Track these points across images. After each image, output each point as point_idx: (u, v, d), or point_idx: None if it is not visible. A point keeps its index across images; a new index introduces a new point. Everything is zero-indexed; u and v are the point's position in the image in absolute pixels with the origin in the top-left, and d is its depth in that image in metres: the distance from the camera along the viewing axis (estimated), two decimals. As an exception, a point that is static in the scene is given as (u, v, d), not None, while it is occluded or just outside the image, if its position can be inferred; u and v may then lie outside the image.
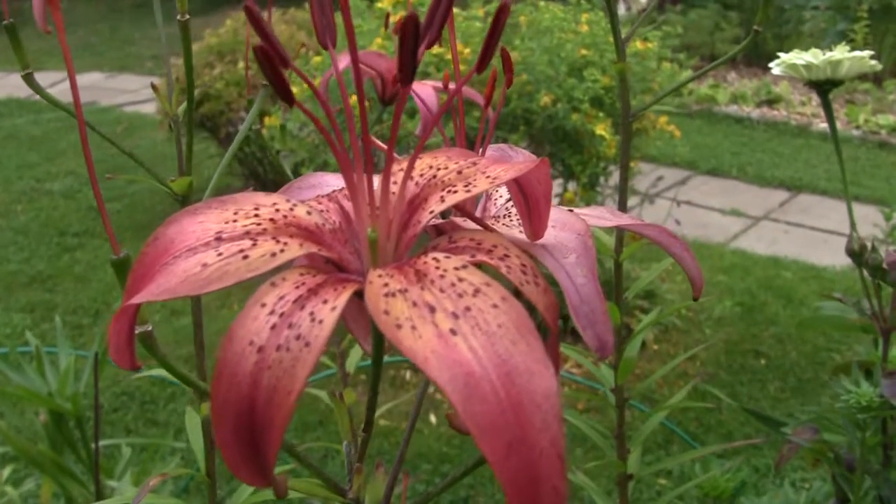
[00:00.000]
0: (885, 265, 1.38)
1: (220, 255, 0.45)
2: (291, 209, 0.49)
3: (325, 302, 0.42)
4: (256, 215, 0.48)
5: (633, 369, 1.41)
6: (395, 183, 0.51)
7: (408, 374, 4.22)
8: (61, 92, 8.27)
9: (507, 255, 0.47)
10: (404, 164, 0.51)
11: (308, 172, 0.65)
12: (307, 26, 5.73)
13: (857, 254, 1.39)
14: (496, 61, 0.57)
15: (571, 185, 4.20)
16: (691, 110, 7.88)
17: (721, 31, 8.85)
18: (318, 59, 4.20)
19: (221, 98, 5.31)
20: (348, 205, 0.51)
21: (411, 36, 0.47)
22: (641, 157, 4.79)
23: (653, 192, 4.84)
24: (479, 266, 0.46)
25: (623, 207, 1.41)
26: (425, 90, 1.31)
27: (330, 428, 3.88)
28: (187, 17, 0.92)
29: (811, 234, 5.75)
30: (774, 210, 6.17)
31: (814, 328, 4.20)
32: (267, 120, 4.48)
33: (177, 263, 0.45)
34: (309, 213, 0.49)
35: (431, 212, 0.49)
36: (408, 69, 0.48)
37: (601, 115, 3.85)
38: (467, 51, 3.80)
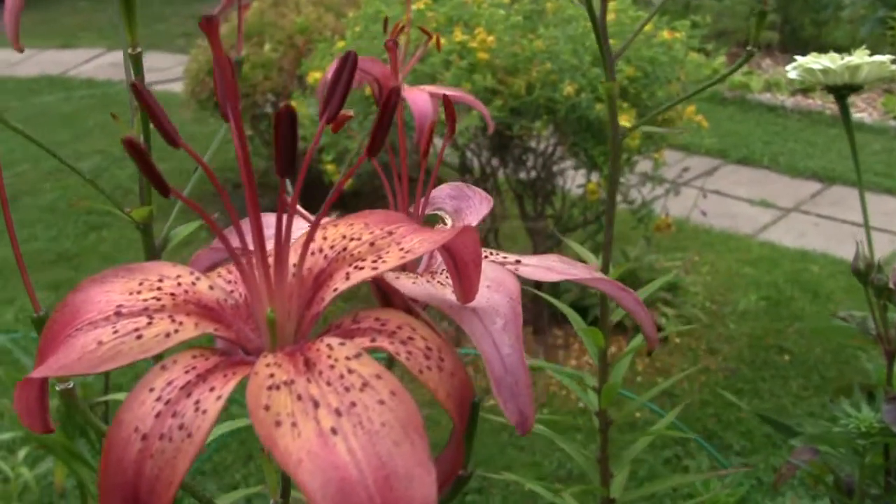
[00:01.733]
0: (891, 285, 1.36)
1: (115, 332, 0.44)
2: (194, 283, 0.48)
3: (211, 390, 0.42)
4: (159, 288, 0.47)
5: (616, 395, 1.39)
6: (313, 254, 0.50)
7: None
8: (97, 67, 8.34)
9: (410, 338, 0.46)
10: (308, 231, 0.50)
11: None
12: (335, 8, 5.73)
13: (863, 273, 1.37)
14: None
15: (594, 176, 4.17)
16: (723, 97, 7.82)
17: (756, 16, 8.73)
18: (341, 43, 4.19)
19: (247, 80, 5.31)
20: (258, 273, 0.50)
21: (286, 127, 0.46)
22: (668, 146, 4.76)
23: (679, 181, 4.80)
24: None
25: (608, 241, 1.40)
26: (421, 97, 1.30)
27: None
28: (139, 49, 0.91)
29: (842, 228, 5.69)
30: (805, 202, 6.12)
31: (827, 337, 4.17)
32: (291, 104, 4.49)
33: (77, 337, 0.45)
34: (211, 287, 0.48)
35: (336, 290, 0.48)
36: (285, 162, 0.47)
37: (625, 105, 3.83)
38: (490, 39, 3.78)
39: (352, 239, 0.50)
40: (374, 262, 0.48)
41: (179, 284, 0.49)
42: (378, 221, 0.52)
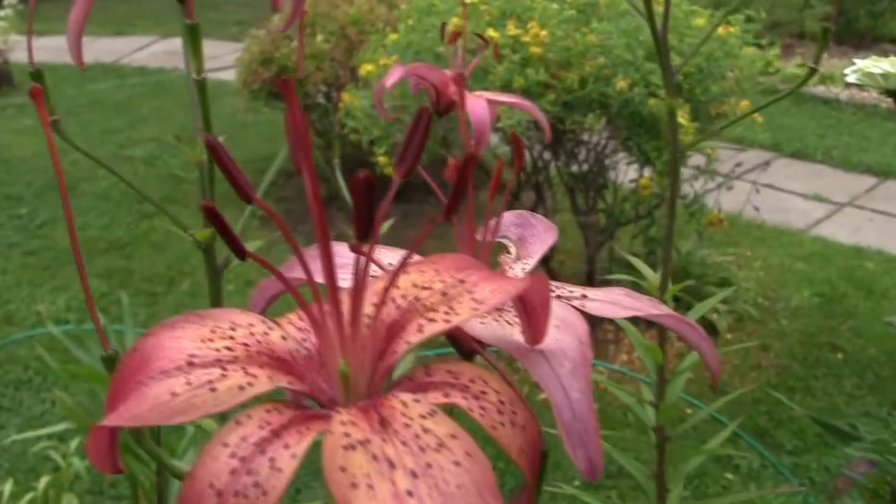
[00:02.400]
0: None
1: (189, 384, 0.44)
2: (266, 333, 0.48)
3: (286, 447, 0.42)
4: (231, 337, 0.47)
5: (673, 411, 1.38)
6: (374, 305, 0.49)
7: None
8: (150, 55, 8.40)
9: (483, 392, 0.46)
10: (385, 282, 0.50)
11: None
12: (388, -1, 5.74)
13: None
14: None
15: (647, 171, 4.16)
16: (777, 91, 7.76)
17: (811, 7, 8.69)
18: (394, 36, 4.18)
19: (300, 71, 5.34)
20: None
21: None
22: (722, 140, 4.73)
23: (732, 175, 4.77)
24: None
25: (668, 257, 1.39)
26: (479, 104, 1.30)
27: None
28: (204, 75, 0.91)
29: (898, 223, 5.65)
30: (860, 196, 6.06)
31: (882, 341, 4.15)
32: (344, 96, 4.49)
33: (149, 386, 0.45)
34: (284, 338, 0.48)
35: (409, 342, 0.47)
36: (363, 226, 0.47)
37: (679, 100, 3.81)
38: (543, 33, 3.76)
39: (423, 287, 0.50)
40: (447, 313, 0.47)
41: (252, 334, 0.48)
42: (449, 267, 0.51)
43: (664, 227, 4.24)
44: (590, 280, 4.51)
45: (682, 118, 3.74)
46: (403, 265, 0.49)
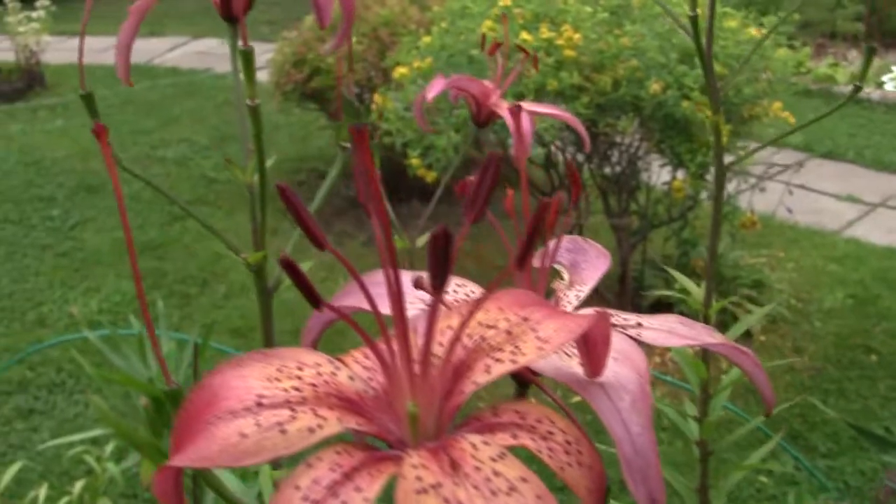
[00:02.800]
0: None
1: (258, 425, 0.44)
2: (334, 374, 0.48)
3: (358, 490, 0.42)
4: (299, 377, 0.47)
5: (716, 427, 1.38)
6: (440, 345, 0.49)
7: None
8: (183, 55, 8.43)
9: (550, 433, 0.46)
10: (452, 321, 0.50)
11: (375, 271, 0.64)
12: (420, 1, 5.74)
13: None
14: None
15: (680, 174, 4.15)
16: (808, 90, 7.72)
17: (842, 7, 8.64)
18: (427, 38, 4.19)
19: (332, 73, 5.34)
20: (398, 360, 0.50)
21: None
22: (755, 140, 4.72)
23: (765, 176, 4.76)
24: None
25: (711, 275, 1.38)
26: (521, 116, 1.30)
27: None
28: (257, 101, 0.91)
29: (931, 224, 5.62)
30: (892, 197, 6.03)
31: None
32: (377, 98, 4.50)
33: (217, 426, 0.45)
34: (351, 378, 0.48)
35: (476, 383, 0.47)
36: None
37: (720, 116, 3.81)
38: (577, 36, 3.77)
39: (488, 326, 0.50)
40: (513, 353, 0.47)
41: (319, 374, 0.48)
42: (512, 304, 0.51)
43: (697, 229, 4.21)
44: (622, 282, 4.51)
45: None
46: (476, 306, 0.49)
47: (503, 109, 1.32)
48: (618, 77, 3.81)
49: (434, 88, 1.26)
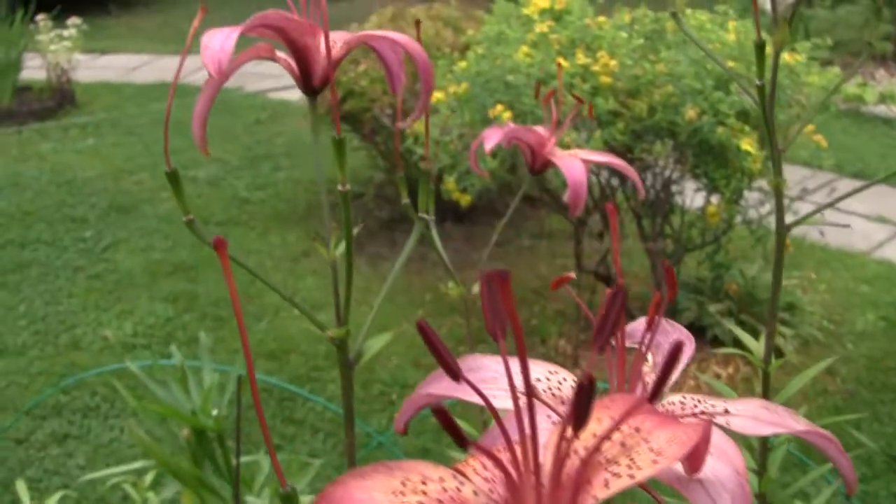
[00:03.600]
0: None
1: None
2: (458, 489, 0.48)
3: None
4: (423, 492, 0.49)
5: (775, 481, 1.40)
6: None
7: None
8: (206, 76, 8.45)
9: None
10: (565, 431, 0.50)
11: (464, 355, 0.66)
12: (453, 22, 5.77)
13: None
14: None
15: (715, 199, 4.17)
16: (837, 110, 7.71)
17: (873, 27, 8.63)
18: (463, 63, 4.22)
19: (365, 95, 5.37)
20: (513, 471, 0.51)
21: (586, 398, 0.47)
22: (787, 162, 4.73)
23: (798, 198, 4.78)
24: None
25: (772, 331, 1.41)
26: (575, 165, 1.32)
27: None
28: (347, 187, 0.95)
29: (962, 245, 5.62)
30: (923, 218, 6.03)
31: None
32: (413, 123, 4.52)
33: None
34: (476, 493, 0.49)
35: (595, 497, 0.49)
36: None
37: (747, 129, 3.82)
38: (613, 63, 3.79)
39: (602, 437, 0.51)
40: (629, 467, 0.48)
41: (444, 490, 0.50)
42: (620, 409, 0.52)
43: (731, 252, 4.22)
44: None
45: (750, 146, 3.76)
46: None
47: (559, 158, 1.35)
48: (653, 103, 3.84)
49: (492, 139, 1.29)
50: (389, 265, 5.55)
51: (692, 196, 4.42)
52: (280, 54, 1.00)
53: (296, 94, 8.60)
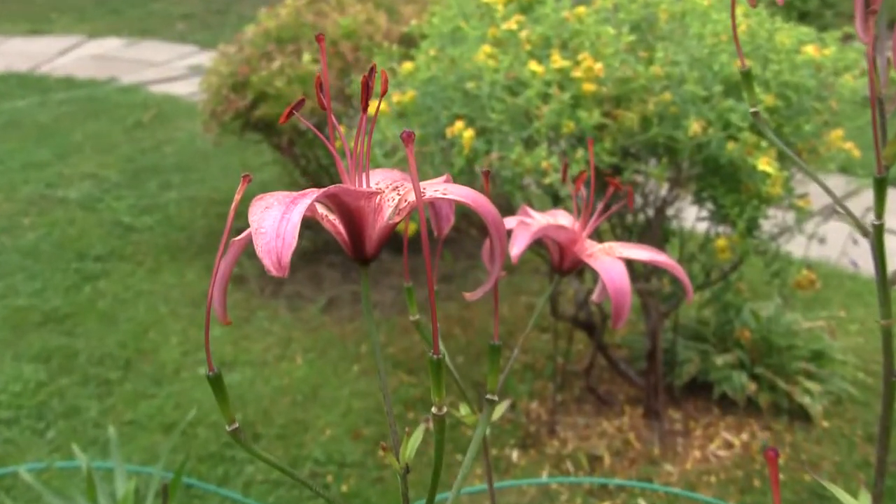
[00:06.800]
0: None
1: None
2: None
3: None
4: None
5: None
6: None
7: None
8: (77, 61, 8.39)
9: None
10: None
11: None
12: (387, 5, 5.79)
13: None
14: None
15: (723, 229, 4.16)
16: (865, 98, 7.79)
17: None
18: (408, 65, 4.17)
19: (282, 98, 5.35)
20: None
21: None
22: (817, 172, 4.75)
23: (827, 213, 4.82)
24: None
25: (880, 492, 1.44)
26: (615, 267, 1.35)
27: None
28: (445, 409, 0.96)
29: None
30: (974, 234, 6.11)
31: None
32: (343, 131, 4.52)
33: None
34: None
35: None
36: None
37: (763, 144, 3.79)
38: (598, 66, 3.76)
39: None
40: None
41: None
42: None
43: (742, 291, 4.25)
44: (651, 358, 4.53)
45: (769, 165, 3.74)
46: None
47: (594, 258, 1.38)
48: (647, 113, 3.79)
49: (520, 243, 1.32)
50: (314, 309, 5.56)
51: (693, 223, 4.42)
52: (322, 211, 1.03)
53: (186, 87, 8.58)
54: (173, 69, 8.97)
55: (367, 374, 4.96)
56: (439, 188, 1.00)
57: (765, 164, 3.73)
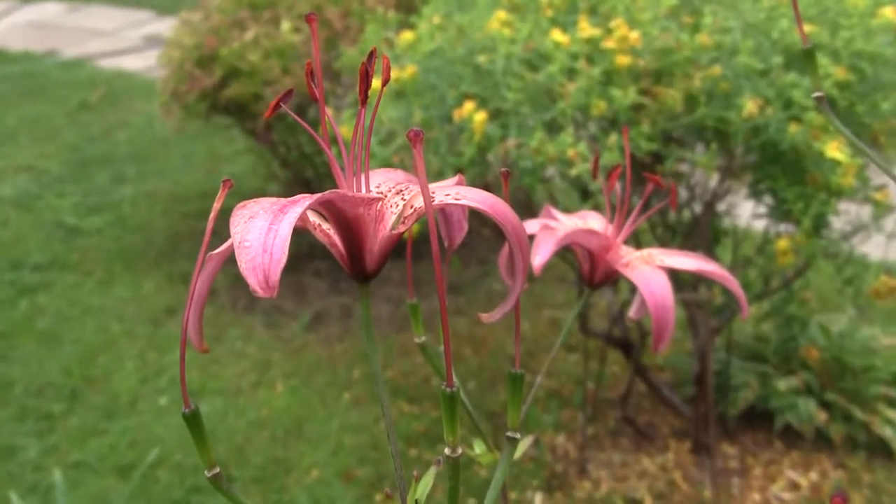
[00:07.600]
0: None
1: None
2: None
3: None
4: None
5: None
6: None
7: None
8: (11, 30, 8.41)
9: None
10: None
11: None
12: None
13: None
14: None
15: (785, 228, 4.16)
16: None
17: None
18: (408, 35, 4.17)
19: (257, 75, 5.35)
20: None
21: None
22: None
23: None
24: None
25: None
26: (657, 279, 1.37)
27: None
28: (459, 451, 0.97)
29: None
30: None
31: None
32: (342, 128, 4.53)
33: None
34: None
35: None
36: None
37: (831, 127, 3.74)
38: (634, 35, 3.74)
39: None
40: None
41: None
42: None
43: (809, 302, 4.22)
44: (700, 383, 4.53)
45: (839, 151, 3.71)
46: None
47: (631, 268, 1.40)
48: (692, 91, 3.76)
49: (543, 252, 1.34)
50: (296, 326, 5.57)
51: (749, 221, 4.41)
52: (314, 219, 1.05)
53: (140, 61, 8.56)
54: (125, 39, 8.92)
55: (359, 403, 4.97)
56: (451, 192, 0.99)
57: (834, 150, 3.66)
